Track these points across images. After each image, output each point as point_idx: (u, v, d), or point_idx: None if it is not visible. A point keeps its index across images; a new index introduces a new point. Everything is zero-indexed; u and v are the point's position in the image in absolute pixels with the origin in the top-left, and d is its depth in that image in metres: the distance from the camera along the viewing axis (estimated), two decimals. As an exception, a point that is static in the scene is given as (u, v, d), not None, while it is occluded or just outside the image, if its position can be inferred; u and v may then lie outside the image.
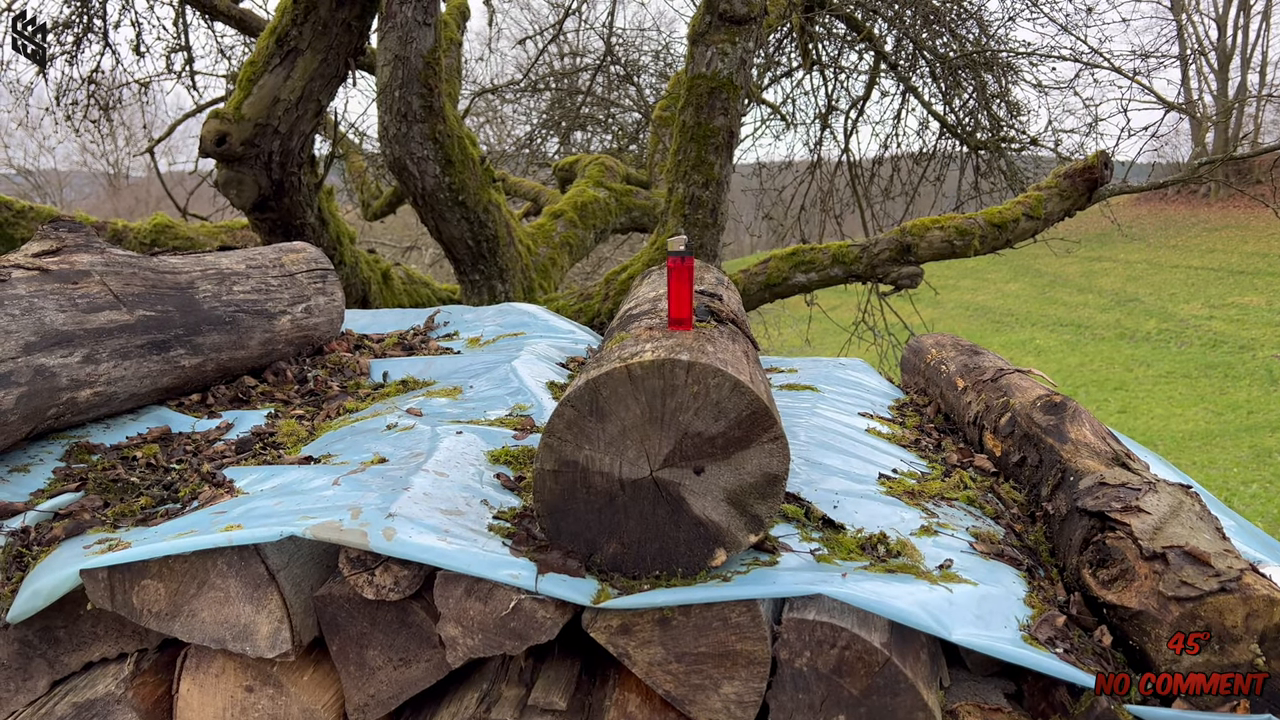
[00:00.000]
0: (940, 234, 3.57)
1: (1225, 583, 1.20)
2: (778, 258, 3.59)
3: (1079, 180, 3.64)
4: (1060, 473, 1.57)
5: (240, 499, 1.41)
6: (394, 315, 2.61)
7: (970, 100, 5.21)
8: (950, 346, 2.31)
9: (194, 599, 1.30)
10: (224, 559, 1.28)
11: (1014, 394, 1.85)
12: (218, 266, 1.94)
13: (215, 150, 2.92)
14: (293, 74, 2.91)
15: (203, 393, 1.86)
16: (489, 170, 3.40)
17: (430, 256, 5.60)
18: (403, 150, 3.12)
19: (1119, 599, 1.29)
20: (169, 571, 1.29)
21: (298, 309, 2.10)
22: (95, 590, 1.29)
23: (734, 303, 1.86)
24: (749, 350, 1.53)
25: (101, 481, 1.52)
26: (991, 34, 5.18)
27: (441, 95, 3.12)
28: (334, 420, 1.72)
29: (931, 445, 1.96)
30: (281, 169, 3.04)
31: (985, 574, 1.35)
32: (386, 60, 3.08)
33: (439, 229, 3.37)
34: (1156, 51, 6.94)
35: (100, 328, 1.63)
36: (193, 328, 1.79)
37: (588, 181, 4.03)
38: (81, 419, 1.64)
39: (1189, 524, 1.36)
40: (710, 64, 3.47)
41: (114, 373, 1.65)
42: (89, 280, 1.69)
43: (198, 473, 1.52)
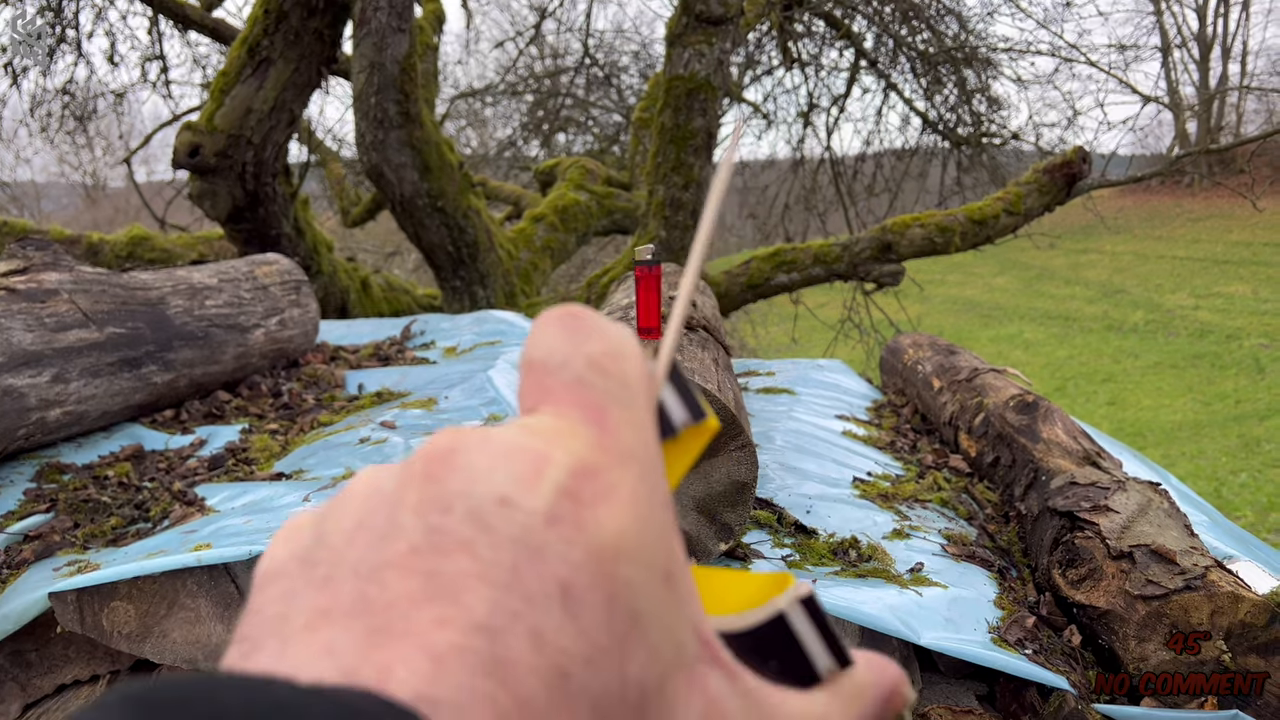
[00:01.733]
0: (921, 231, 3.58)
1: (1190, 580, 1.21)
2: (759, 258, 3.60)
3: (1058, 175, 3.65)
4: (1033, 472, 1.58)
5: (211, 517, 1.41)
6: (370, 325, 2.60)
7: (951, 96, 5.22)
8: (927, 346, 2.32)
9: (164, 619, 1.30)
10: (194, 579, 1.28)
11: (988, 394, 1.86)
12: (189, 281, 1.93)
13: (188, 162, 2.90)
14: (265, 84, 2.89)
15: (176, 409, 1.85)
16: (467, 176, 3.39)
17: (413, 262, 5.58)
18: (380, 157, 3.11)
19: (1087, 599, 1.29)
20: (139, 593, 1.28)
21: (271, 322, 2.09)
22: (64, 613, 1.28)
23: (708, 308, 1.86)
24: (719, 357, 1.53)
25: (72, 502, 1.51)
26: (971, 29, 5.19)
27: (418, 101, 3.11)
28: (307, 435, 1.72)
29: (907, 447, 1.96)
30: (256, 179, 3.03)
31: (956, 577, 1.36)
32: (362, 67, 3.07)
33: (418, 236, 3.36)
34: (1135, 44, 6.97)
35: (69, 346, 1.62)
36: (164, 344, 1.78)
37: (568, 185, 4.02)
38: (52, 438, 1.64)
39: (1157, 522, 1.37)
40: (688, 65, 3.47)
41: (84, 391, 1.64)
42: (57, 299, 1.67)
43: (169, 491, 1.52)
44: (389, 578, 0.21)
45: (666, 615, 0.22)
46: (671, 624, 0.23)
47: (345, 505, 0.24)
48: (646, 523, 0.23)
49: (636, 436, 0.24)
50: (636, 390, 0.25)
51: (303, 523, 0.25)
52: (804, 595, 0.28)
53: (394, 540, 0.21)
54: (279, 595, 0.22)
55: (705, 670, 0.24)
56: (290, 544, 0.24)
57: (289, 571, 0.23)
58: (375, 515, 0.22)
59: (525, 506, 0.21)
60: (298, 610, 0.21)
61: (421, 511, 0.21)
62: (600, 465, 0.23)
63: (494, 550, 0.20)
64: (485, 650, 0.19)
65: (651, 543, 0.22)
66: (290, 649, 0.20)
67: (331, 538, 0.23)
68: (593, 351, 0.25)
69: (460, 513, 0.21)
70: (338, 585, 0.21)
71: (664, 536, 0.23)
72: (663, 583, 0.22)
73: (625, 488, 0.23)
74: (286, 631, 0.21)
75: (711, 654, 0.24)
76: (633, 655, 0.21)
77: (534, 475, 0.22)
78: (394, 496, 0.23)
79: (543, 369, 0.25)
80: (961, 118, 5.22)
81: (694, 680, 0.23)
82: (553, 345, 0.26)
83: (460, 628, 0.19)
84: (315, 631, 0.20)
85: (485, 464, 0.22)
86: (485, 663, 0.19)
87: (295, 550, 0.23)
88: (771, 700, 0.25)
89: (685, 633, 0.23)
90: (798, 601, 0.28)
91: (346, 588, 0.21)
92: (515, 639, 0.19)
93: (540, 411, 0.25)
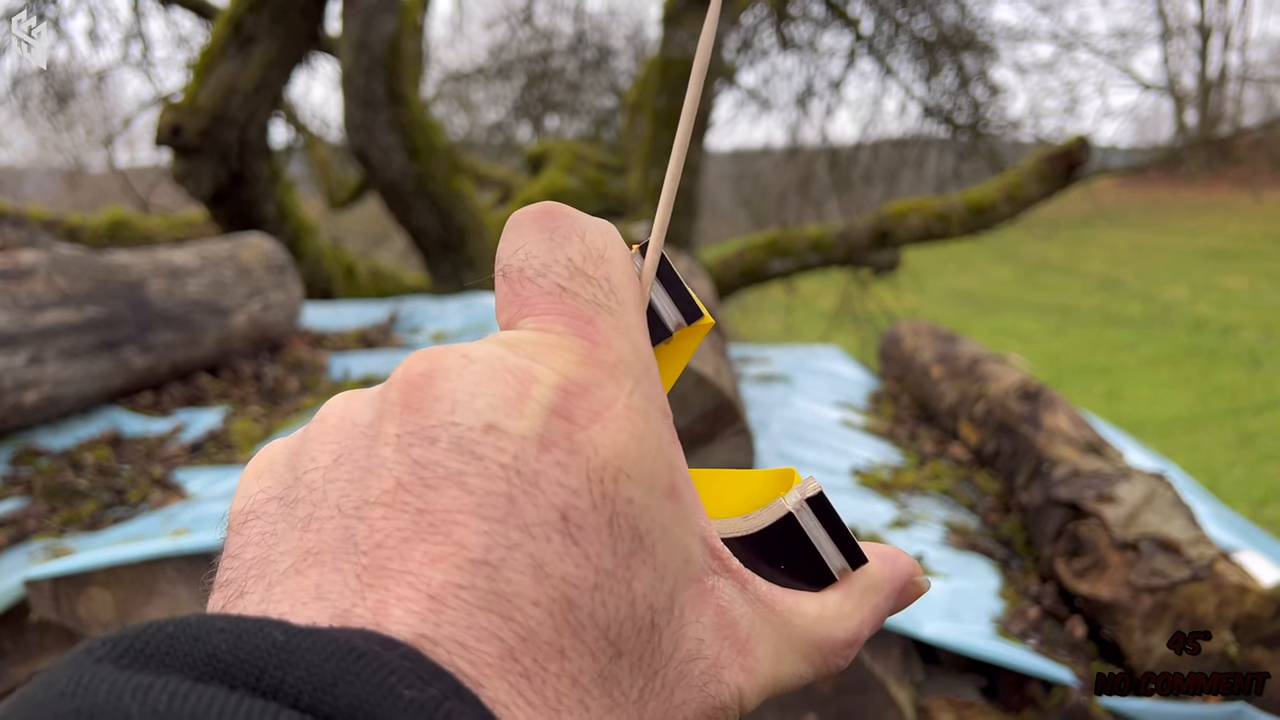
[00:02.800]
0: (919, 218, 3.54)
1: (1197, 571, 1.18)
2: (755, 245, 3.55)
3: (1058, 163, 3.62)
4: (1035, 462, 1.54)
5: (191, 503, 1.37)
6: (355, 309, 2.56)
7: (949, 82, 5.18)
8: (927, 334, 2.28)
9: (143, 607, 1.26)
10: (172, 566, 1.24)
11: (990, 382, 1.83)
12: (170, 262, 1.88)
13: (171, 141, 2.84)
14: (250, 62, 2.83)
15: (156, 392, 1.81)
16: (456, 159, 3.33)
17: (400, 248, 5.52)
18: (367, 138, 3.05)
19: (1092, 590, 1.26)
20: (116, 580, 1.24)
21: (254, 305, 2.04)
22: (40, 600, 1.24)
23: (704, 290, 1.82)
24: (715, 342, 1.49)
25: (49, 487, 1.46)
26: (970, 15, 5.14)
27: (405, 82, 3.05)
28: (289, 419, 1.67)
29: (906, 435, 1.93)
30: (239, 160, 2.97)
31: (958, 567, 1.33)
32: (349, 46, 3.01)
33: (405, 219, 3.30)
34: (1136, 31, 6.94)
35: (46, 328, 1.57)
36: (144, 326, 1.73)
37: (560, 169, 3.97)
38: (28, 421, 1.59)
39: (1162, 512, 1.33)
40: (684, 46, 3.42)
41: (62, 374, 1.59)
42: (34, 278, 1.62)
43: (148, 476, 1.47)
44: (375, 515, 0.20)
45: (672, 530, 0.22)
46: (678, 538, 0.22)
47: (321, 438, 0.22)
48: (644, 438, 0.21)
49: (627, 345, 0.23)
50: (624, 294, 0.24)
51: (275, 455, 0.23)
52: (811, 494, 0.26)
53: (377, 476, 0.20)
54: (258, 537, 0.21)
55: (715, 580, 0.23)
56: (263, 480, 0.23)
57: (267, 512, 0.22)
58: (354, 449, 0.21)
59: (514, 432, 0.20)
60: (281, 553, 0.20)
61: (404, 444, 0.20)
62: (590, 380, 0.21)
63: (485, 480, 0.19)
64: (484, 585, 0.19)
65: (651, 457, 0.21)
66: (277, 592, 0.19)
67: (310, 475, 0.21)
68: (573, 254, 0.24)
69: (445, 443, 0.20)
70: (321, 525, 0.20)
71: (663, 449, 0.22)
72: (666, 497, 0.22)
73: (619, 402, 0.21)
74: (271, 575, 0.20)
75: (720, 563, 0.24)
76: (639, 575, 0.20)
77: (520, 397, 0.21)
78: (373, 428, 0.21)
79: (519, 277, 0.24)
80: (959, 104, 5.18)
81: (704, 592, 0.22)
82: (529, 249, 0.24)
83: (456, 564, 0.19)
84: (302, 574, 0.19)
85: (467, 389, 0.21)
86: (485, 598, 0.18)
87: (270, 488, 0.22)
88: (785, 604, 0.25)
89: (692, 545, 0.22)
90: (805, 501, 0.26)
91: (330, 527, 0.20)
92: (515, 571, 0.19)
93: (521, 324, 0.23)
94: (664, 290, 0.26)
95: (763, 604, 0.24)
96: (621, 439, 0.21)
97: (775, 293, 5.51)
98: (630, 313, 0.24)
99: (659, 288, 0.26)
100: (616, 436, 0.21)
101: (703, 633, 0.22)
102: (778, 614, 0.24)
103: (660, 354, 0.26)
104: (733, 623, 0.23)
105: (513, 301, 0.24)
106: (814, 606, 0.25)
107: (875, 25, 4.92)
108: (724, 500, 0.28)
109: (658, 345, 0.26)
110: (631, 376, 0.22)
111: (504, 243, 0.25)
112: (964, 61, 5.17)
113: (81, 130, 5.39)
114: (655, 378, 0.24)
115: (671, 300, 0.26)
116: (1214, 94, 9.06)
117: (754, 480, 0.28)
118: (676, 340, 0.26)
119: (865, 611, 0.26)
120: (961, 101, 5.30)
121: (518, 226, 0.24)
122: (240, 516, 0.22)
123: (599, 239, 0.24)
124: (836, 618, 0.25)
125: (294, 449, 0.23)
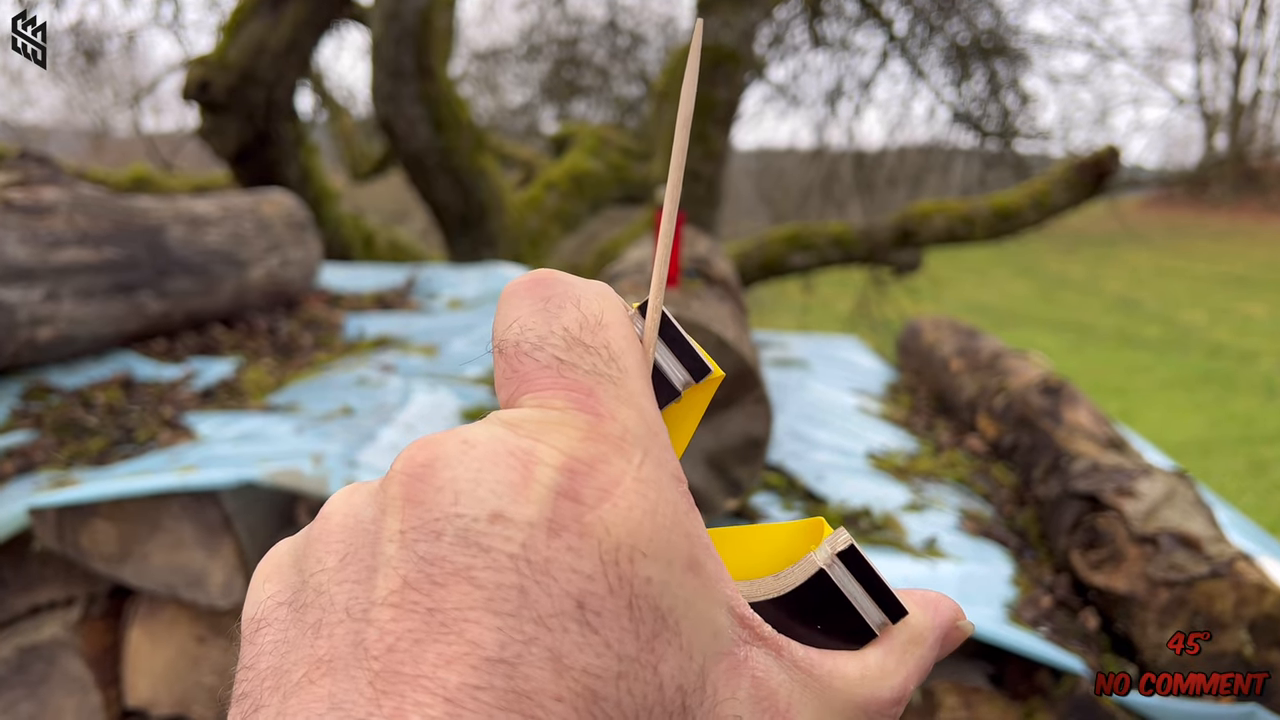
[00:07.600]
0: (943, 219, 3.50)
1: (1217, 567, 1.15)
2: (775, 238, 3.53)
3: (1087, 172, 3.57)
4: (1054, 456, 1.52)
5: (199, 443, 1.36)
6: (374, 271, 2.55)
7: (980, 89, 5.13)
8: (947, 329, 2.26)
9: (145, 542, 1.26)
10: (178, 502, 1.24)
11: (1011, 376, 1.80)
12: (191, 210, 1.88)
13: (198, 96, 2.85)
14: (281, 21, 2.83)
15: (169, 339, 1.80)
16: (480, 136, 3.32)
17: (421, 223, 5.52)
18: (393, 109, 3.05)
19: (1107, 581, 1.24)
20: (120, 513, 1.24)
21: (273, 260, 2.04)
22: (44, 529, 1.24)
23: (726, 269, 1.80)
24: (737, 313, 1.47)
25: (58, 422, 1.46)
26: (1005, 21, 5.09)
27: (434, 55, 3.04)
28: (302, 372, 1.67)
29: (923, 425, 1.90)
30: (265, 119, 2.97)
31: (971, 552, 1.30)
32: (380, 15, 3.00)
33: (427, 193, 3.30)
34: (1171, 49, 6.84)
35: (64, 265, 1.57)
36: (162, 271, 1.73)
37: (583, 151, 3.95)
38: (41, 358, 1.59)
39: (1182, 509, 1.31)
40: (716, 34, 3.39)
41: (76, 313, 1.58)
42: (55, 215, 1.62)
43: (158, 417, 1.47)
44: (385, 617, 0.19)
45: (696, 605, 0.21)
46: (702, 612, 0.21)
47: (325, 538, 0.22)
48: (658, 511, 0.20)
49: (632, 413, 0.22)
50: (625, 360, 0.23)
51: (281, 558, 0.23)
52: (843, 548, 0.25)
53: (384, 575, 0.20)
54: (271, 645, 0.21)
55: (747, 651, 0.22)
56: (271, 584, 0.22)
57: (278, 618, 0.21)
58: (359, 548, 0.21)
59: (521, 519, 0.19)
60: (293, 662, 0.20)
61: (409, 541, 0.20)
62: (596, 456, 0.21)
63: (495, 573, 0.19)
64: (502, 685, 0.18)
65: (667, 531, 0.20)
66: (292, 704, 0.19)
67: (317, 578, 0.21)
68: (569, 324, 0.23)
69: (451, 537, 0.19)
70: (331, 630, 0.20)
71: (679, 521, 0.21)
72: (686, 571, 0.21)
73: (628, 476, 0.21)
74: (285, 686, 0.20)
75: (751, 632, 0.22)
76: (666, 657, 0.20)
77: (524, 481, 0.20)
78: (376, 525, 0.21)
79: (516, 352, 0.23)
80: (989, 111, 5.13)
81: (737, 665, 0.22)
82: (524, 322, 0.23)
83: (471, 664, 0.18)
84: (315, 684, 0.19)
85: (469, 476, 0.20)
86: (504, 698, 0.18)
87: (279, 593, 0.22)
88: (825, 667, 0.23)
89: (719, 617, 0.21)
90: (836, 556, 0.25)
91: (341, 632, 0.19)
92: (533, 667, 0.18)
93: (521, 402, 0.22)
94: (668, 349, 0.25)
95: (801, 670, 0.23)
96: (634, 515, 0.20)
97: (791, 291, 5.48)
98: (633, 379, 0.23)
99: (663, 347, 0.25)
100: (629, 513, 0.20)
101: (739, 708, 0.21)
102: (817, 679, 0.23)
103: (669, 416, 0.25)
104: (771, 694, 0.22)
105: (511, 378, 0.23)
106: (855, 667, 0.24)
107: (909, 27, 4.88)
108: (750, 559, 0.26)
109: (666, 407, 0.24)
110: (639, 447, 0.21)
111: (499, 317, 0.24)
112: (996, 68, 5.13)
113: (109, 91, 5.41)
114: (665, 443, 0.22)
115: (677, 358, 0.25)
116: (1245, 118, 8.95)
117: (780, 534, 0.27)
118: (685, 399, 0.25)
119: (910, 666, 0.25)
120: (991, 109, 5.25)
121: (511, 298, 0.24)
122: (252, 624, 0.22)
123: (595, 305, 0.23)
124: (879, 676, 0.24)
125: (300, 550, 0.22)
